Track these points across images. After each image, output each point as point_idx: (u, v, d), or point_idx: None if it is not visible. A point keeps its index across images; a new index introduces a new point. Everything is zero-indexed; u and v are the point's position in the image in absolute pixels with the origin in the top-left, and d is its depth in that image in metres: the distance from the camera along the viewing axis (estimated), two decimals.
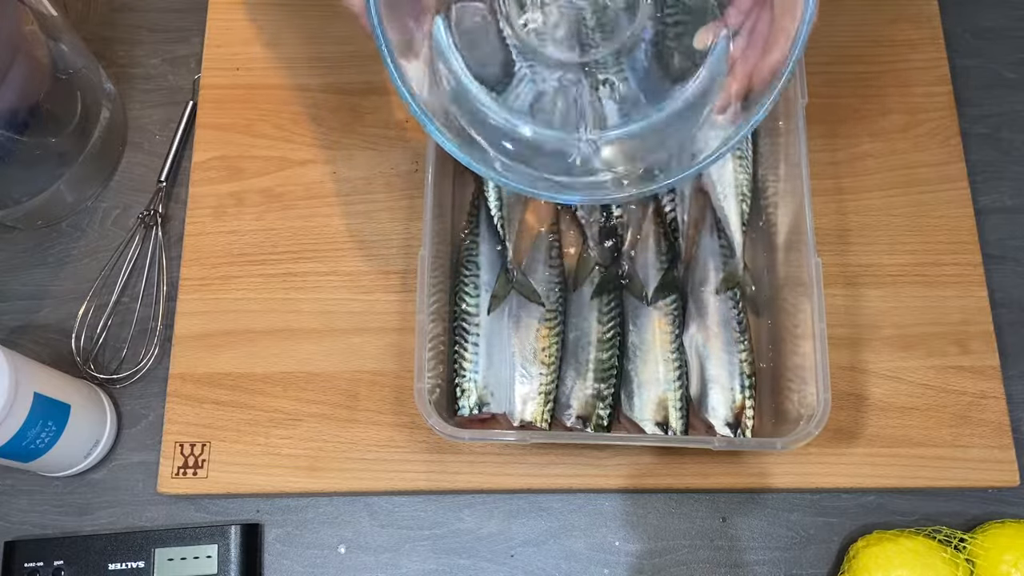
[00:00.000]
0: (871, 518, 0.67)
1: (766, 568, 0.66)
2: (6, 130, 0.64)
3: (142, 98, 0.77)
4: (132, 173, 0.75)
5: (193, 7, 0.78)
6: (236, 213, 0.72)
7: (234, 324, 0.69)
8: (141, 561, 0.64)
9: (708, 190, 0.70)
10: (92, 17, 0.80)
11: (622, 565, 0.66)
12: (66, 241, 0.73)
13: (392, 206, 0.72)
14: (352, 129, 0.74)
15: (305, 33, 0.77)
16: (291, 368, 0.68)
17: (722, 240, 0.70)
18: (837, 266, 0.70)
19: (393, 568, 0.66)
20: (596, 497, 0.67)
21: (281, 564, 0.66)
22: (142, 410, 0.69)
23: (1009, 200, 0.75)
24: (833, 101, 0.75)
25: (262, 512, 0.67)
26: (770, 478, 0.66)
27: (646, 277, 0.69)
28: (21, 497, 0.67)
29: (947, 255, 0.71)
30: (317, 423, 0.67)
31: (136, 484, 0.68)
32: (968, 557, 0.63)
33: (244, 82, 0.75)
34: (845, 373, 0.68)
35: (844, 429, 0.67)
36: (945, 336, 0.69)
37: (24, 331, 0.71)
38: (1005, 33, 0.80)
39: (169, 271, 0.72)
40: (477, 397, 0.65)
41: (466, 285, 0.68)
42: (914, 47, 0.77)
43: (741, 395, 0.65)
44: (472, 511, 0.67)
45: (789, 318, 0.64)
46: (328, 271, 0.71)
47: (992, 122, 0.77)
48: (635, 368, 0.66)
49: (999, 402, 0.67)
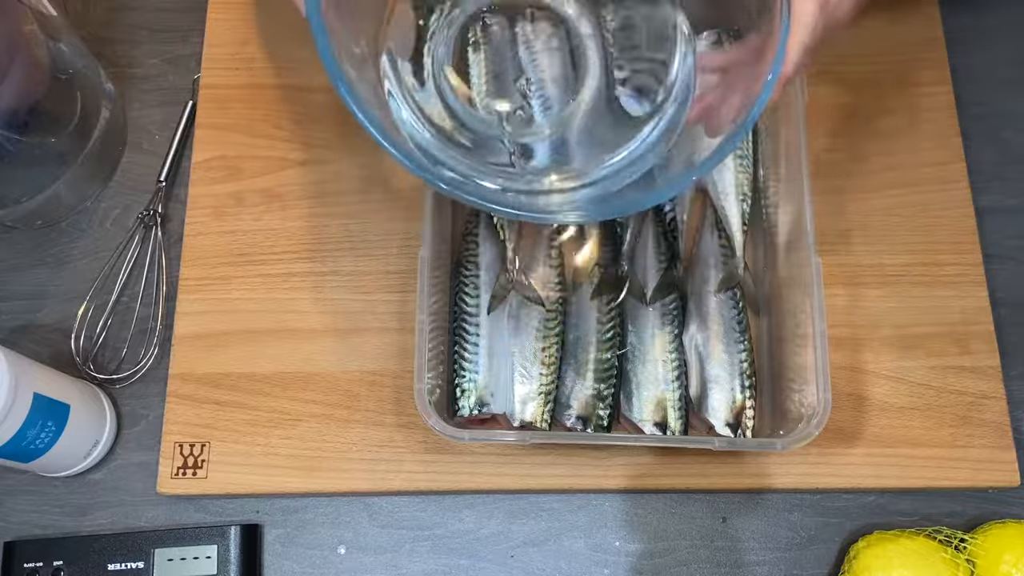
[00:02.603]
0: (871, 518, 0.67)
1: (766, 568, 0.66)
2: (6, 130, 0.64)
3: (142, 98, 0.77)
4: (132, 173, 0.75)
5: (193, 7, 0.78)
6: (236, 213, 0.72)
7: (234, 324, 0.69)
8: (141, 561, 0.64)
9: (708, 189, 0.70)
10: (92, 17, 0.79)
11: (622, 565, 0.66)
12: (66, 241, 0.73)
13: (392, 206, 0.72)
14: (352, 129, 0.74)
15: (305, 33, 0.76)
16: (291, 368, 0.68)
17: (722, 240, 0.70)
18: (837, 266, 0.70)
19: (393, 568, 0.66)
20: (596, 497, 0.67)
21: (281, 564, 0.66)
22: (142, 410, 0.69)
23: (1009, 200, 0.75)
24: (833, 101, 0.75)
25: (262, 512, 0.67)
26: (770, 478, 0.66)
27: (645, 277, 0.69)
28: (21, 497, 0.67)
29: (947, 255, 0.71)
30: (317, 423, 0.67)
31: (136, 484, 0.67)
32: (968, 557, 0.63)
33: (244, 82, 0.75)
34: (845, 373, 0.68)
35: (844, 429, 0.67)
36: (945, 336, 0.69)
37: (24, 331, 0.71)
38: (1005, 33, 0.80)
39: (169, 271, 0.72)
40: (477, 397, 0.65)
41: (466, 285, 0.68)
42: (914, 47, 0.77)
43: (741, 395, 0.65)
44: (472, 511, 0.67)
45: (789, 318, 0.64)
46: (328, 271, 0.71)
47: (992, 122, 0.77)
48: (634, 368, 0.66)
49: (999, 402, 0.67)
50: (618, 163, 0.58)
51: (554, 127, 0.59)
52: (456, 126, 0.58)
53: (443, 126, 0.58)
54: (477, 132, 0.58)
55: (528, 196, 0.57)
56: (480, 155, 0.58)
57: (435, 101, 0.58)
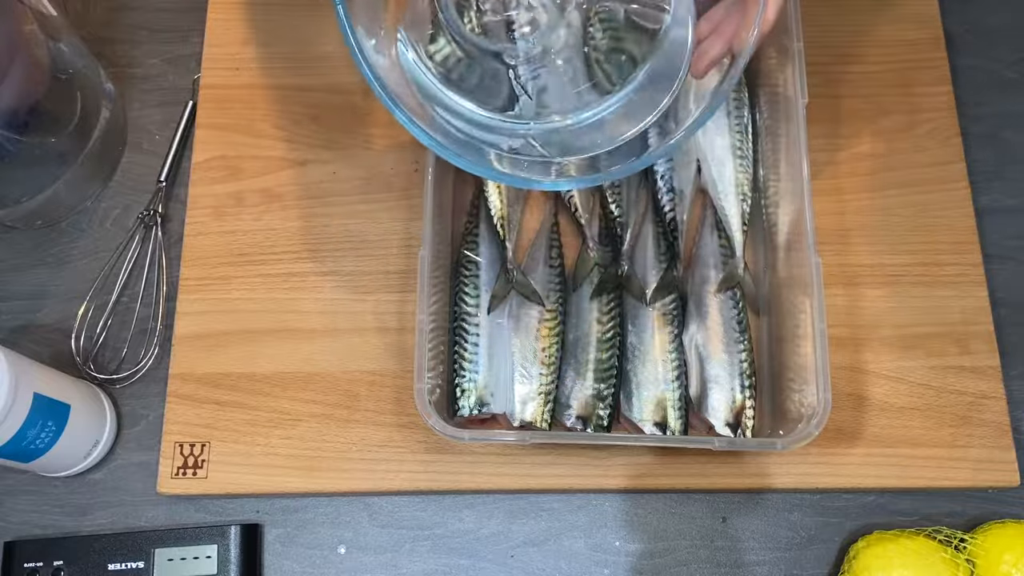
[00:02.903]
0: (871, 518, 0.67)
1: (766, 568, 0.66)
2: (6, 130, 0.64)
3: (142, 98, 0.77)
4: (132, 173, 0.75)
5: (193, 7, 0.78)
6: (236, 213, 0.72)
7: (234, 324, 0.69)
8: (141, 561, 0.64)
9: (708, 189, 0.70)
10: (92, 17, 0.79)
11: (622, 565, 0.66)
12: (66, 241, 0.73)
13: (392, 206, 0.72)
14: (352, 129, 0.74)
15: (305, 33, 0.77)
16: (291, 368, 0.68)
17: (722, 240, 0.70)
18: (837, 266, 0.70)
19: (393, 568, 0.66)
20: (596, 497, 0.67)
21: (281, 564, 0.66)
22: (142, 410, 0.69)
23: (1009, 200, 0.75)
24: (833, 101, 0.75)
25: (262, 512, 0.67)
26: (770, 478, 0.66)
27: (645, 277, 0.69)
28: (21, 497, 0.67)
29: (947, 255, 0.71)
30: (317, 423, 0.67)
31: (136, 484, 0.67)
32: (968, 557, 0.63)
33: (244, 82, 0.75)
34: (845, 373, 0.68)
35: (844, 429, 0.67)
36: (945, 336, 0.69)
37: (24, 331, 0.71)
38: (1005, 33, 0.80)
39: (169, 271, 0.72)
40: (477, 397, 0.65)
41: (466, 285, 0.68)
42: (914, 47, 0.77)
43: (741, 395, 0.65)
44: (472, 511, 0.67)
45: (789, 318, 0.64)
46: (328, 271, 0.71)
47: (992, 122, 0.77)
48: (634, 368, 0.66)
49: (999, 402, 0.67)
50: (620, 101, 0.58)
51: (561, 37, 0.59)
52: (460, 60, 0.58)
53: (447, 61, 0.58)
54: (480, 51, 0.58)
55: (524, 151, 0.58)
56: (481, 97, 0.58)
57: (442, 41, 0.58)
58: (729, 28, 0.56)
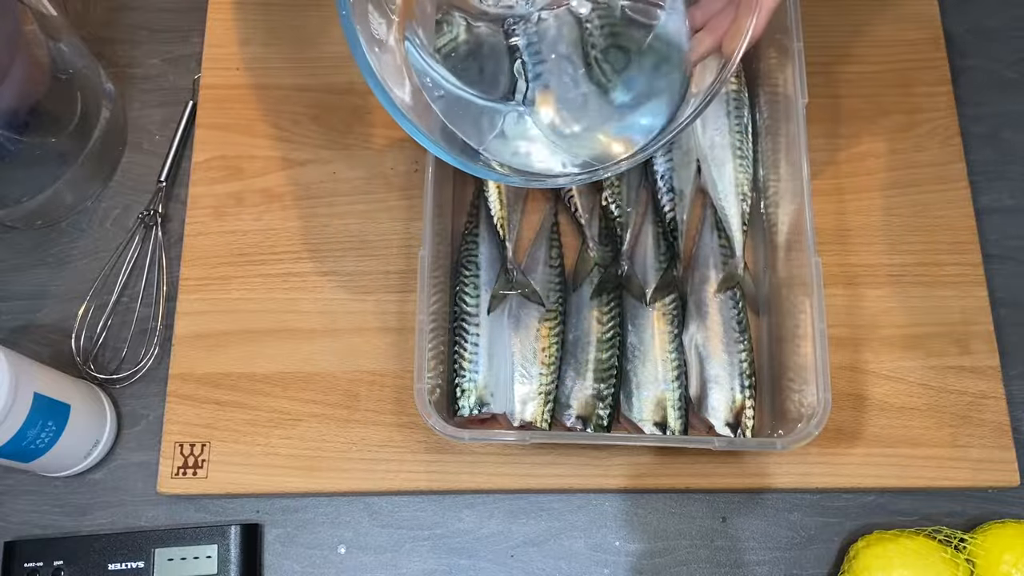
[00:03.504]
0: (871, 518, 0.67)
1: (766, 568, 0.66)
2: (6, 130, 0.64)
3: (142, 98, 0.77)
4: (132, 173, 0.75)
5: (193, 7, 0.78)
6: (236, 213, 0.72)
7: (234, 324, 0.69)
8: (141, 561, 0.64)
9: (708, 189, 0.70)
10: (92, 17, 0.79)
11: (622, 565, 0.66)
12: (66, 241, 0.73)
13: (392, 206, 0.72)
14: (352, 129, 0.74)
15: (305, 33, 0.77)
16: (291, 368, 0.68)
17: (722, 240, 0.70)
18: (837, 266, 0.70)
19: (393, 568, 0.66)
20: (596, 497, 0.67)
21: (281, 564, 0.66)
22: (142, 410, 0.69)
23: (1009, 200, 0.75)
24: (833, 101, 0.75)
25: (262, 512, 0.67)
26: (770, 478, 0.66)
27: (645, 277, 0.69)
28: (21, 497, 0.67)
29: (947, 255, 0.71)
30: (317, 423, 0.67)
31: (136, 484, 0.68)
32: (968, 557, 0.63)
33: (244, 82, 0.75)
34: (845, 373, 0.68)
35: (844, 429, 0.67)
36: (945, 336, 0.69)
37: (24, 331, 0.71)
38: (1005, 33, 0.80)
39: (169, 271, 0.72)
40: (477, 397, 0.65)
41: (466, 285, 0.68)
42: (914, 47, 0.77)
43: (741, 395, 0.65)
44: (472, 511, 0.67)
45: (789, 318, 0.64)
46: (328, 271, 0.71)
47: (992, 122, 0.77)
48: (634, 368, 0.66)
49: (999, 402, 0.67)
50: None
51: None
52: (466, 52, 0.58)
53: (452, 52, 0.58)
54: (488, 28, 0.59)
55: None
56: (487, 87, 0.58)
57: (447, 30, 0.59)
58: (721, 26, 0.56)
